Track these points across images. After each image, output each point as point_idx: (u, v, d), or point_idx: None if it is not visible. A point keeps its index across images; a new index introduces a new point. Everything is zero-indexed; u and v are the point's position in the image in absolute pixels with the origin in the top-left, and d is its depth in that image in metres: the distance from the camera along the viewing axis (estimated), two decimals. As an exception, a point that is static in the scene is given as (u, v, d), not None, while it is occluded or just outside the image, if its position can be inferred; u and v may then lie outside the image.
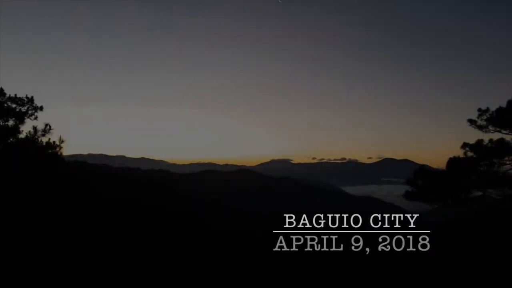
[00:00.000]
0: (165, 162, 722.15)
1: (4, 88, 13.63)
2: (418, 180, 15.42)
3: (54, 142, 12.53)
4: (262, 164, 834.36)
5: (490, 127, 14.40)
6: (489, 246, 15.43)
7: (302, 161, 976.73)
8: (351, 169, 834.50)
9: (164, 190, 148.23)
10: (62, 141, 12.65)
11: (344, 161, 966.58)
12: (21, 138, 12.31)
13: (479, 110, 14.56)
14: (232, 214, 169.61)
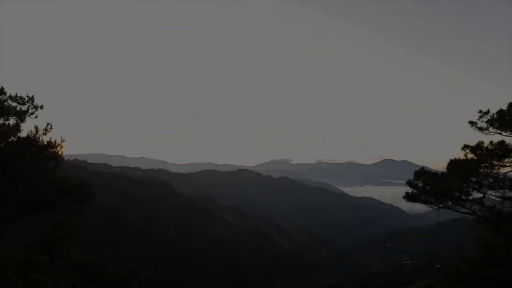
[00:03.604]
0: (165, 162, 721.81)
1: (4, 87, 13.68)
2: (418, 182, 15.39)
3: (55, 141, 12.54)
4: (261, 164, 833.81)
5: (491, 129, 14.37)
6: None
7: (302, 162, 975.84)
8: (351, 170, 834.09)
9: (163, 189, 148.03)
10: (63, 140, 12.66)
11: (344, 162, 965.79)
12: (22, 137, 12.31)
13: (480, 112, 14.53)
14: (231, 213, 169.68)
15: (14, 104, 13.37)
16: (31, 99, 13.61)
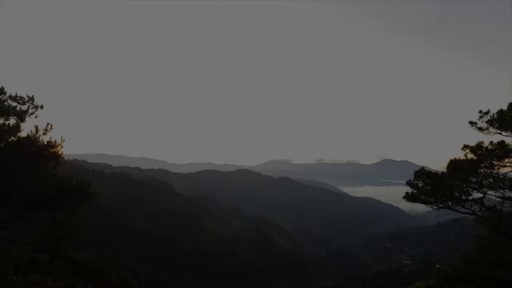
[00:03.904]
0: (165, 162, 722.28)
1: (4, 87, 13.69)
2: (418, 182, 15.39)
3: (55, 141, 12.55)
4: (261, 164, 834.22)
5: (491, 129, 14.36)
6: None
7: (302, 162, 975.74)
8: (351, 170, 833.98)
9: (163, 189, 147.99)
10: (64, 140, 12.67)
11: (344, 162, 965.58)
12: (22, 136, 12.33)
13: (480, 112, 14.53)
14: (231, 213, 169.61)
15: (14, 104, 13.38)
16: (31, 99, 13.62)
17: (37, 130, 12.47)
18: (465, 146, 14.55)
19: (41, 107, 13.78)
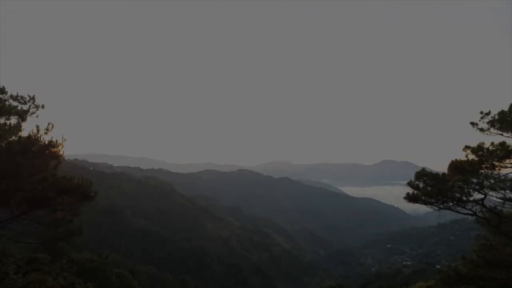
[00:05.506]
0: (165, 162, 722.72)
1: (5, 86, 13.71)
2: (419, 182, 15.37)
3: (56, 141, 12.55)
4: (262, 164, 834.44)
5: (492, 130, 14.32)
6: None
7: (302, 162, 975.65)
8: (351, 170, 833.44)
9: (163, 189, 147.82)
10: (64, 140, 12.67)
11: (344, 162, 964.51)
12: (23, 136, 12.34)
13: (481, 112, 14.49)
14: (231, 213, 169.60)
15: (15, 103, 13.40)
16: (32, 98, 13.63)
17: (38, 130, 12.46)
18: (466, 147, 14.52)
19: (42, 106, 13.79)
